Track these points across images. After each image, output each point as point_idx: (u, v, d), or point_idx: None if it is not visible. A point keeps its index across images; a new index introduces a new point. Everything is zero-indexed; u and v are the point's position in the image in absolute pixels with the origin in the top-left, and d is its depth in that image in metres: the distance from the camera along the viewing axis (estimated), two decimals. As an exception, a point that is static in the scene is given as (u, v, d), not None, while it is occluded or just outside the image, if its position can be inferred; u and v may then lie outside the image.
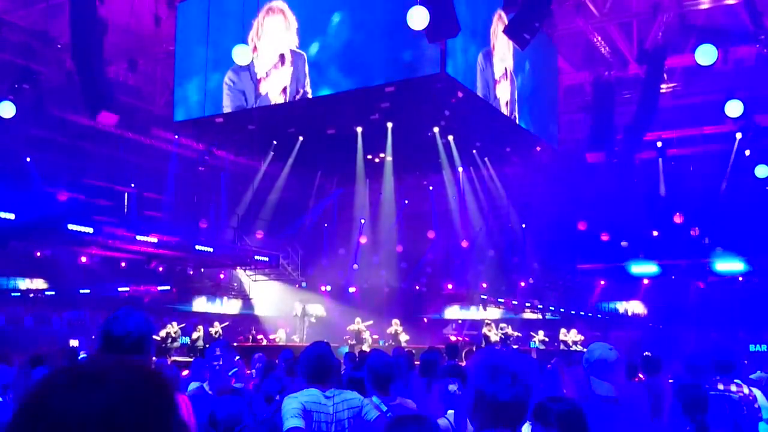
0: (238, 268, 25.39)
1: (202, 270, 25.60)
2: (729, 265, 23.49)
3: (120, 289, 24.46)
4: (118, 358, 1.04)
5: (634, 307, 29.80)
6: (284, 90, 15.61)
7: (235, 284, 27.11)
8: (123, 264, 24.16)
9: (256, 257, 23.62)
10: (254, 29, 15.90)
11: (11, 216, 17.57)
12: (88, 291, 24.36)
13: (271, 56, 15.76)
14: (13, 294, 25.49)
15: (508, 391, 2.08)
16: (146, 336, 2.78)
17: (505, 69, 16.54)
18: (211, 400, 4.50)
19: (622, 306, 30.55)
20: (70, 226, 18.67)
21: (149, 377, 1.01)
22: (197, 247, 21.96)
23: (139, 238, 20.37)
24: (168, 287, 24.65)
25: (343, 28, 14.99)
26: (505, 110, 16.53)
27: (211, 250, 22.47)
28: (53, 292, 25.39)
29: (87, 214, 19.99)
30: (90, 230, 19.16)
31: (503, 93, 16.46)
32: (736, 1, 15.62)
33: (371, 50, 14.65)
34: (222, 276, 26.80)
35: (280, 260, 24.09)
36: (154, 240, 20.74)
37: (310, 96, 15.32)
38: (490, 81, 15.70)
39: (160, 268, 23.81)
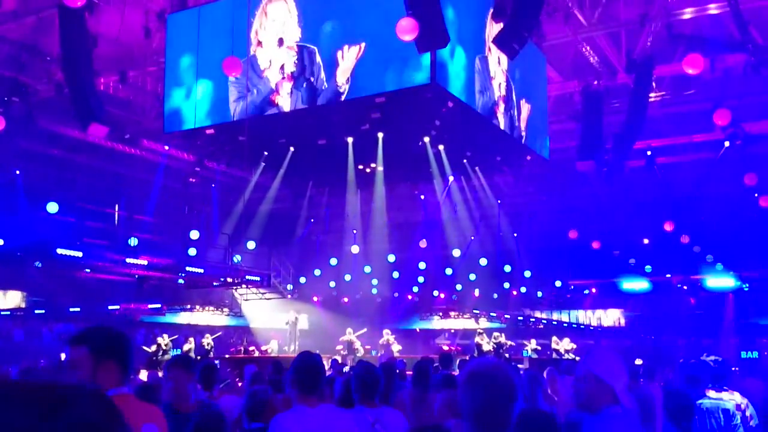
0: (230, 288, 25.27)
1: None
2: (720, 281, 23.58)
3: (111, 307, 24.39)
4: (72, 383, 0.99)
5: (625, 316, 29.88)
6: (291, 77, 15.44)
7: (227, 300, 27.04)
8: (114, 278, 24.07)
9: (248, 277, 23.45)
10: (257, 21, 15.86)
11: (0, 242, 17.41)
12: (78, 309, 24.25)
13: (275, 43, 15.65)
14: (2, 312, 25.41)
15: (491, 399, 2.11)
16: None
17: (503, 71, 16.63)
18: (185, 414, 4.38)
19: (613, 315, 30.63)
20: (60, 251, 18.49)
21: (103, 404, 0.98)
22: (188, 268, 21.85)
23: (129, 260, 20.22)
24: (159, 305, 24.61)
25: (333, 37, 15.01)
26: (502, 120, 16.61)
27: (201, 271, 22.36)
28: (43, 311, 25.32)
29: (77, 236, 19.83)
30: (79, 254, 18.98)
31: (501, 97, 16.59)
32: (724, 10, 15.74)
33: (360, 60, 14.68)
34: (214, 285, 26.72)
35: (272, 279, 23.92)
36: (144, 262, 20.62)
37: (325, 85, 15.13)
38: (487, 85, 15.76)
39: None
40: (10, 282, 24.95)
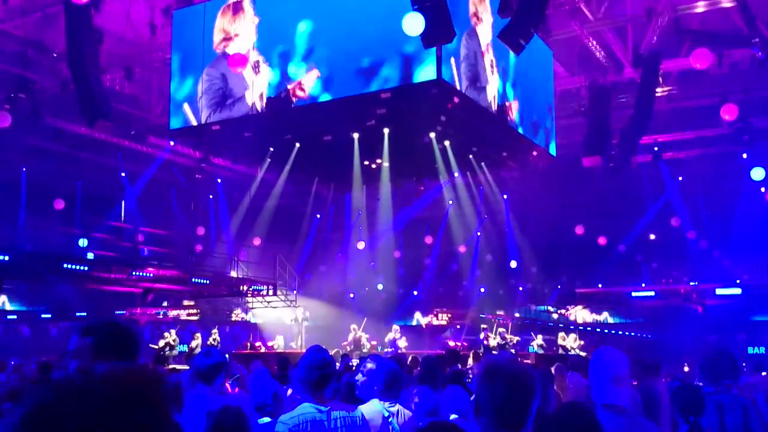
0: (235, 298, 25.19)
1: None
2: (728, 290, 23.41)
3: (117, 312, 24.40)
4: (107, 369, 1.01)
5: (631, 314, 29.76)
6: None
7: (232, 307, 27.05)
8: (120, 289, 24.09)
9: (253, 287, 23.33)
10: (227, 20, 15.91)
11: (5, 257, 17.34)
12: (84, 314, 24.28)
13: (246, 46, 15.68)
14: (9, 317, 25.50)
15: (511, 395, 2.10)
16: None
17: (492, 61, 16.45)
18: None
19: (617, 312, 30.55)
20: (66, 265, 18.43)
21: (138, 386, 0.99)
22: (194, 279, 21.80)
23: (135, 273, 20.15)
24: (165, 310, 24.63)
25: (337, 33, 14.97)
26: (492, 103, 16.35)
27: (207, 282, 22.32)
28: (49, 315, 25.34)
29: (82, 248, 19.66)
30: (85, 268, 18.93)
31: (492, 84, 16.41)
32: (731, 4, 15.67)
33: (366, 56, 14.64)
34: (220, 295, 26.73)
35: (278, 287, 23.78)
36: (150, 274, 20.58)
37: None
38: (480, 71, 15.60)
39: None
40: (15, 288, 24.99)
